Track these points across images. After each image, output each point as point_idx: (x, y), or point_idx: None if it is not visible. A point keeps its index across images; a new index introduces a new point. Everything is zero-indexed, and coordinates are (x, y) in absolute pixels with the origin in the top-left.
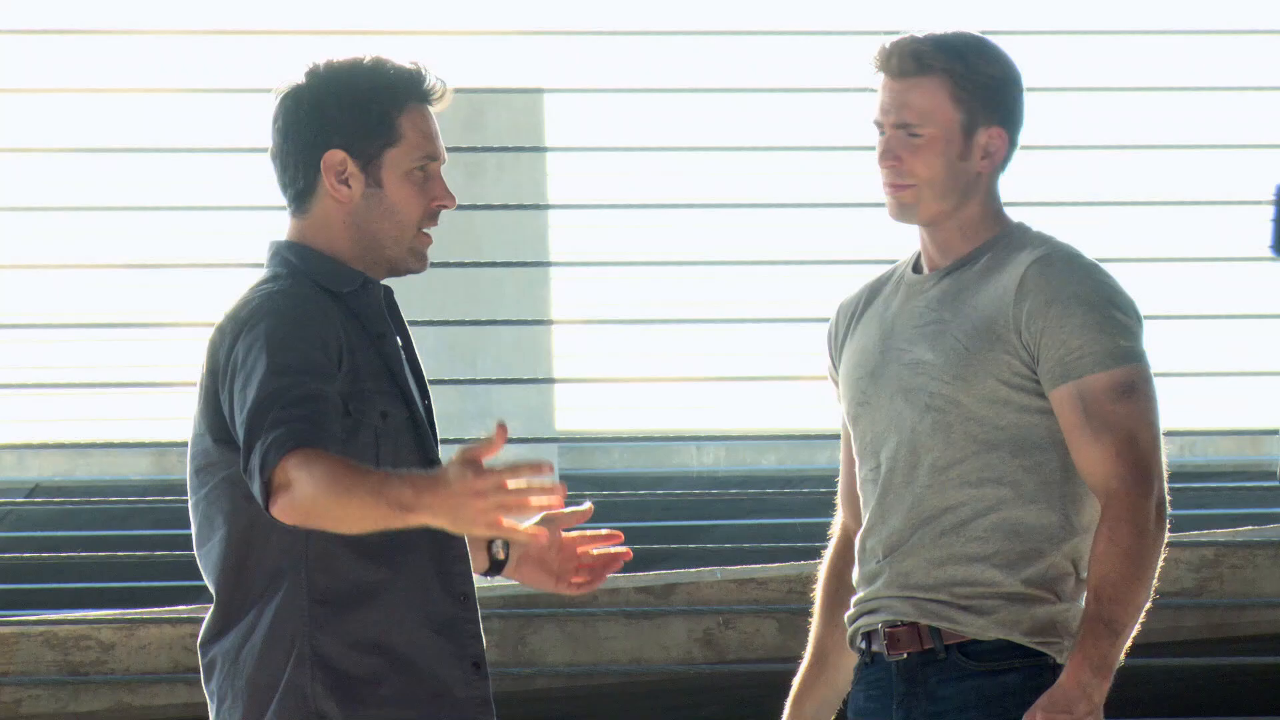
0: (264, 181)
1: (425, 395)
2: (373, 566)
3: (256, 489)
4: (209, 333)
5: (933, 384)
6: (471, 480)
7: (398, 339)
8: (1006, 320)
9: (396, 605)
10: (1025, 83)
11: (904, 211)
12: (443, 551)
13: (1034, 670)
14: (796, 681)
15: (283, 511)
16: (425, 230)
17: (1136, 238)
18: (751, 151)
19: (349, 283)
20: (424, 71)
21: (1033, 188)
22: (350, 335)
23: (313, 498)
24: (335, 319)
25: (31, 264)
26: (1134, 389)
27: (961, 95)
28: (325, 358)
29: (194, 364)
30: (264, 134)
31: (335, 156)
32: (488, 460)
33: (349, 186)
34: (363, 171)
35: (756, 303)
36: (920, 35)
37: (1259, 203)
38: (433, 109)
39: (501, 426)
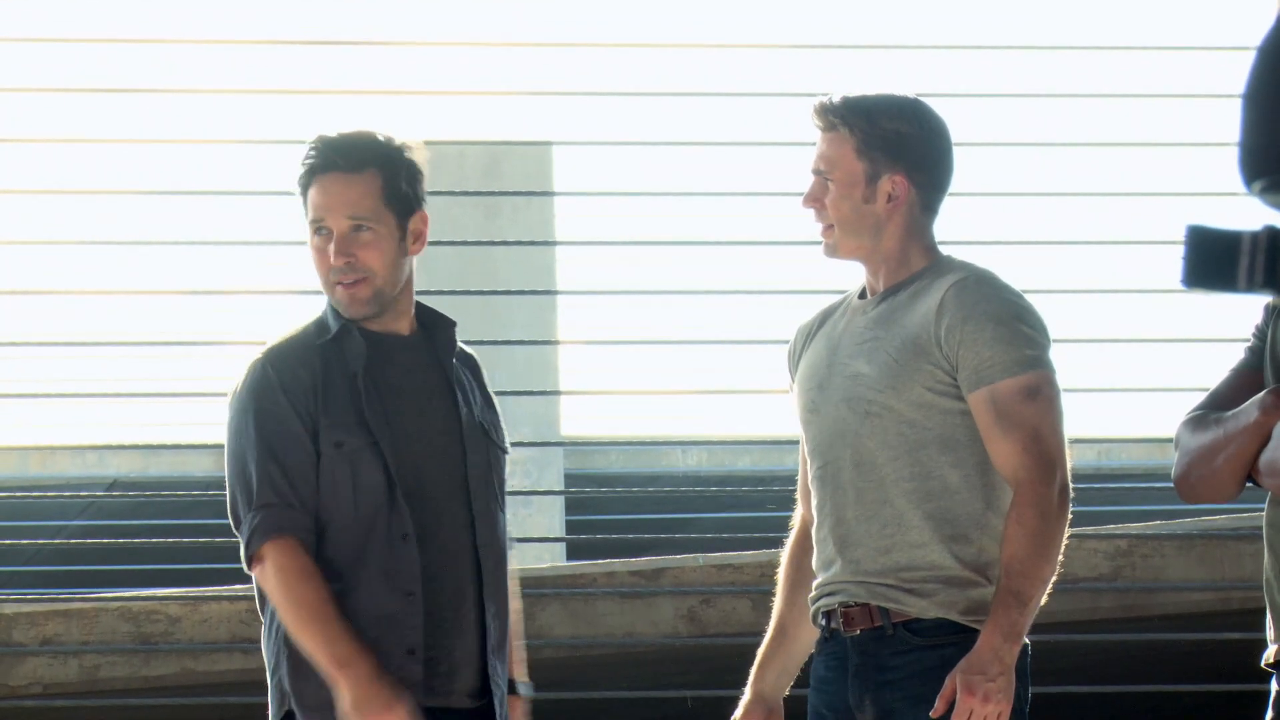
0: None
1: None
2: (332, 573)
3: (242, 552)
4: (258, 352)
5: (869, 392)
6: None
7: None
8: (929, 336)
9: (347, 603)
10: (973, 138)
11: (830, 250)
12: (393, 558)
13: (967, 645)
14: (760, 652)
15: (259, 578)
16: (339, 283)
17: (1071, 274)
18: (726, 197)
19: (326, 333)
20: (317, 146)
21: (995, 227)
22: (326, 375)
23: (275, 599)
24: (310, 366)
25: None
26: (1038, 392)
27: (863, 148)
28: (295, 415)
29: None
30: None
31: None
32: None
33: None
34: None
35: (734, 325)
36: (839, 95)
37: (1172, 242)
38: (328, 180)
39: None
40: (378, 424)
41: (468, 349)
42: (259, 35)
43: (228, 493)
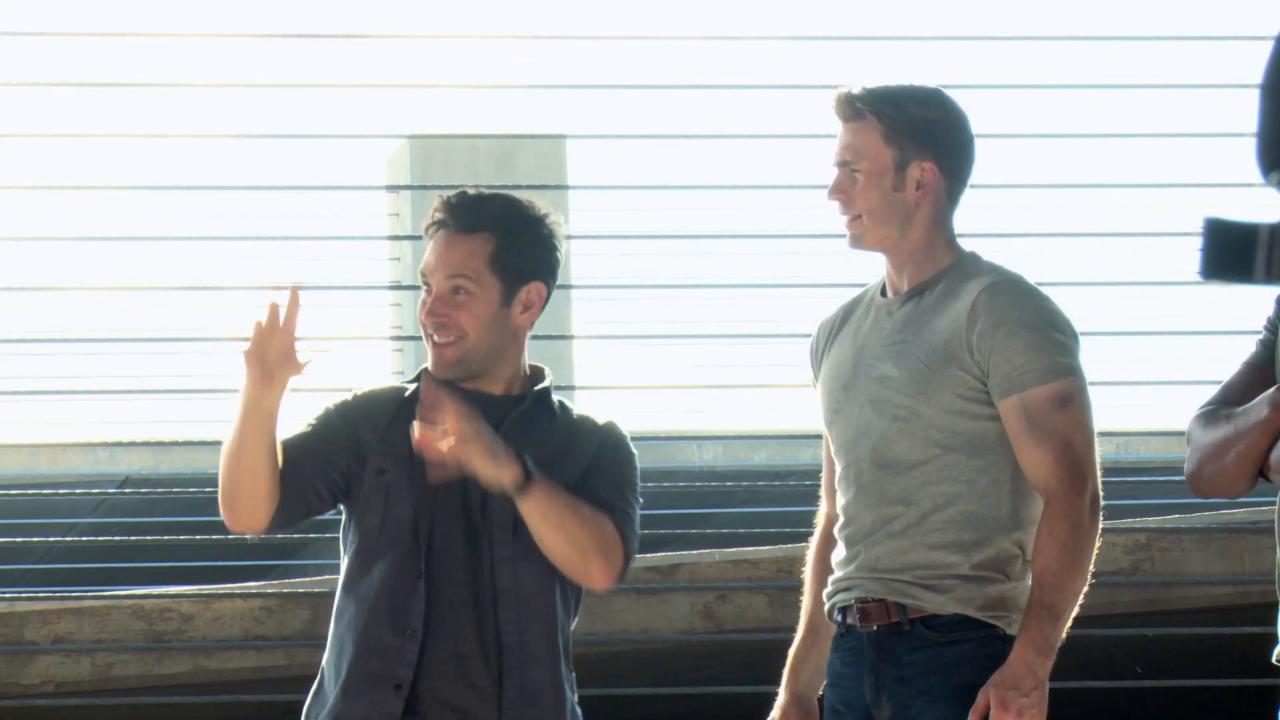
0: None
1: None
2: (350, 592)
3: None
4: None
5: (897, 396)
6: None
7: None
8: (960, 342)
9: (353, 627)
10: (990, 130)
11: (856, 242)
12: (402, 594)
13: (985, 640)
14: (792, 652)
15: None
16: (431, 338)
17: (1086, 265)
18: (743, 190)
19: (413, 384)
20: (443, 203)
21: (1006, 221)
22: (399, 416)
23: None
24: (389, 405)
25: (125, 286)
26: (1070, 400)
27: (891, 135)
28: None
29: None
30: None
31: None
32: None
33: None
34: None
35: (749, 321)
36: (861, 85)
37: (1189, 235)
38: (441, 237)
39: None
40: (419, 461)
41: (596, 420)
42: (279, 30)
43: None
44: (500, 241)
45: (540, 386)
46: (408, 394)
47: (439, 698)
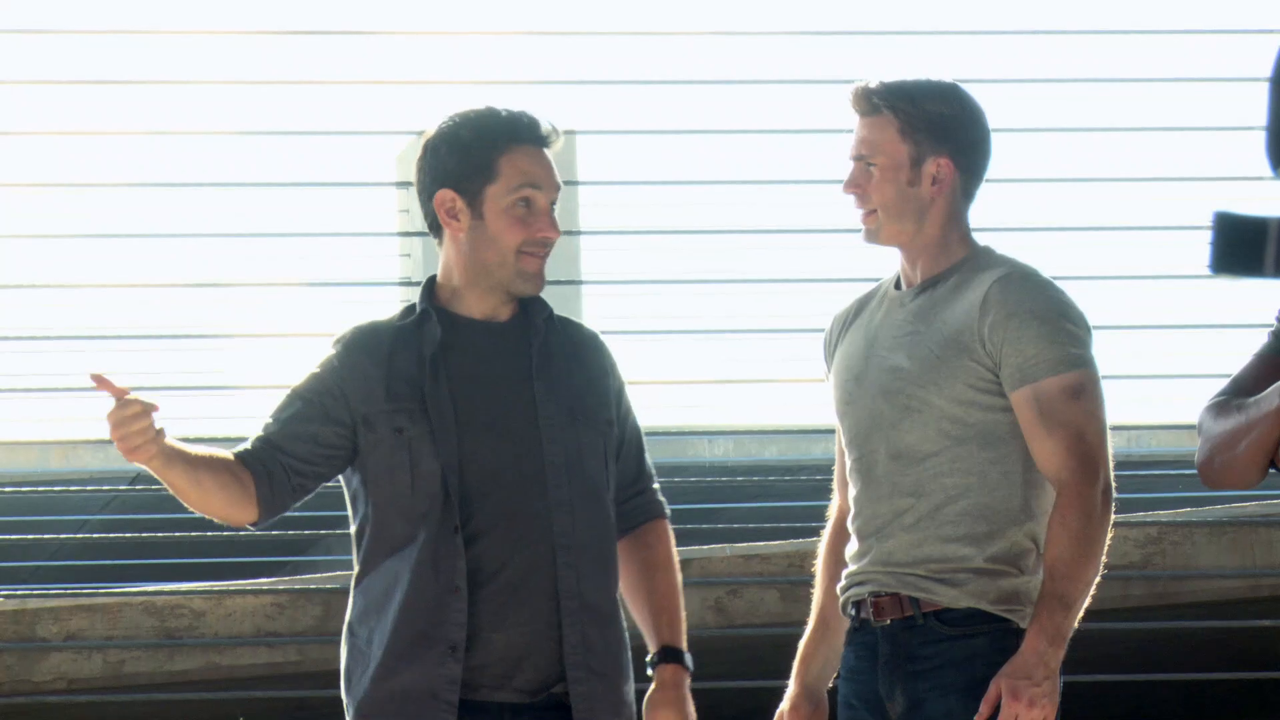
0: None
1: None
2: (386, 558)
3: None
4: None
5: (909, 387)
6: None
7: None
8: (972, 332)
9: (396, 591)
10: (1001, 125)
11: (871, 236)
12: (442, 551)
13: (999, 634)
14: (803, 645)
15: None
16: (529, 253)
17: (1098, 259)
18: (752, 185)
19: (410, 315)
20: (523, 116)
21: (1024, 215)
22: (397, 360)
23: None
24: (378, 353)
25: (136, 283)
26: (1082, 391)
27: (908, 130)
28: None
29: (268, 371)
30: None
31: (445, 195)
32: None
33: (458, 220)
34: (469, 207)
35: (760, 315)
36: (877, 80)
37: (1200, 228)
38: (539, 149)
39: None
40: (439, 412)
41: (597, 340)
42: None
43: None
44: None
45: (542, 310)
46: (400, 324)
47: (501, 651)
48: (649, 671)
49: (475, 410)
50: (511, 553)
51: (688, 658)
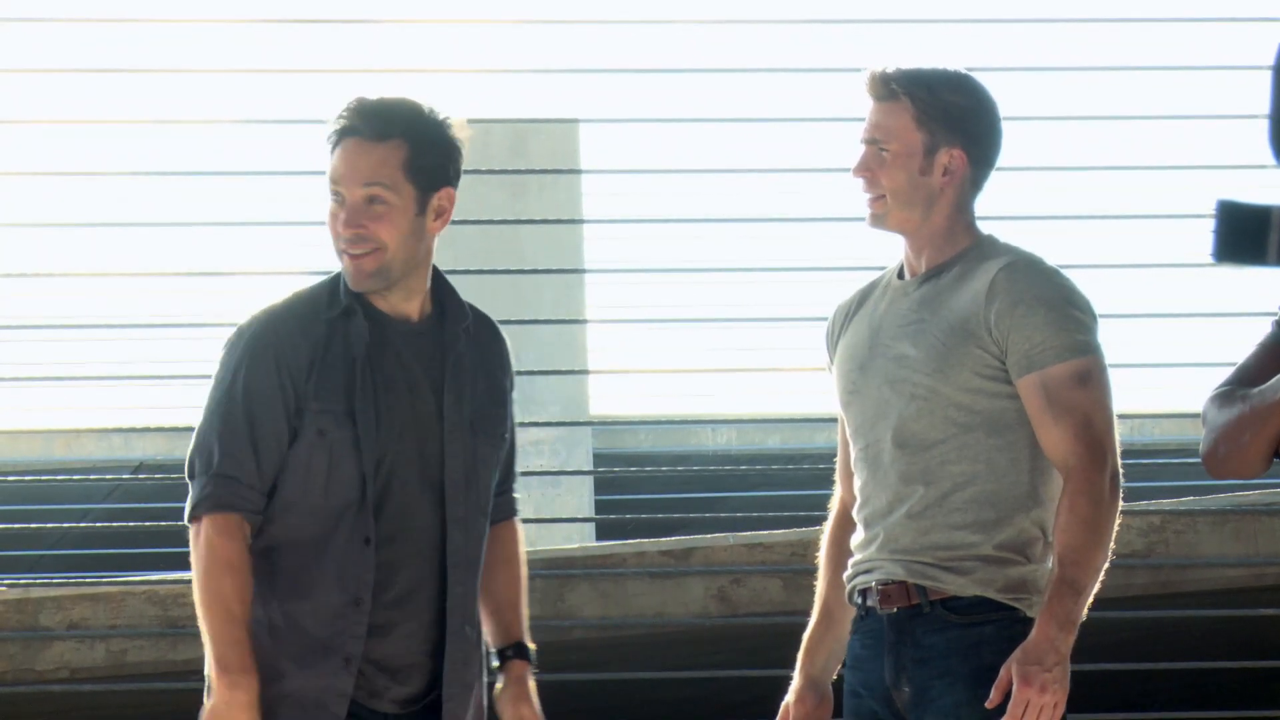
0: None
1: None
2: (290, 559)
3: (186, 507)
4: (266, 305)
5: (915, 375)
6: None
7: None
8: (978, 320)
9: (297, 594)
10: (1005, 113)
11: (877, 221)
12: (349, 561)
13: (1006, 622)
14: (807, 636)
15: (191, 540)
16: (346, 253)
17: (1101, 247)
18: (755, 173)
19: (336, 305)
20: (348, 109)
21: (1026, 203)
22: (327, 352)
23: (195, 570)
24: (311, 338)
25: (139, 272)
26: (1090, 377)
27: (923, 118)
28: (281, 390)
29: None
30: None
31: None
32: None
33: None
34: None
35: (762, 304)
36: (895, 65)
37: (1202, 217)
38: (350, 145)
39: None
40: (365, 420)
41: (496, 328)
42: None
43: (195, 435)
44: (413, 148)
45: (463, 317)
46: (328, 315)
47: (379, 661)
48: (495, 664)
49: (393, 418)
50: (405, 564)
51: (533, 652)
